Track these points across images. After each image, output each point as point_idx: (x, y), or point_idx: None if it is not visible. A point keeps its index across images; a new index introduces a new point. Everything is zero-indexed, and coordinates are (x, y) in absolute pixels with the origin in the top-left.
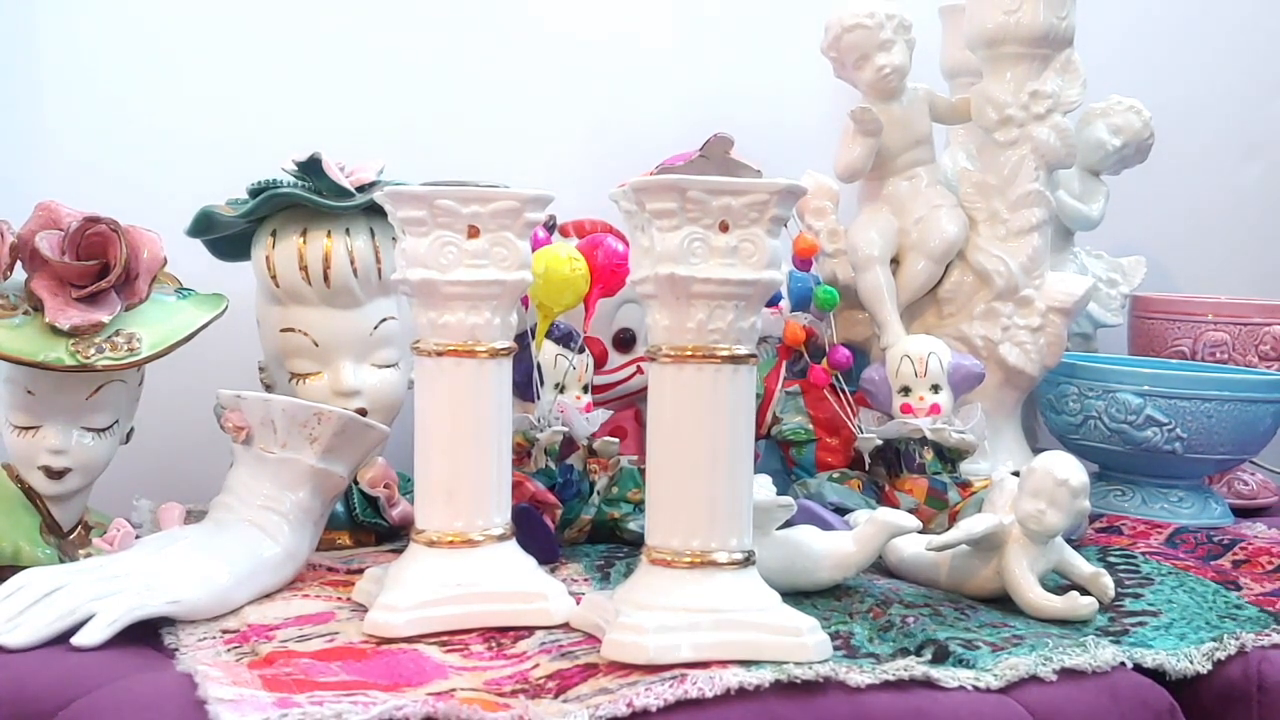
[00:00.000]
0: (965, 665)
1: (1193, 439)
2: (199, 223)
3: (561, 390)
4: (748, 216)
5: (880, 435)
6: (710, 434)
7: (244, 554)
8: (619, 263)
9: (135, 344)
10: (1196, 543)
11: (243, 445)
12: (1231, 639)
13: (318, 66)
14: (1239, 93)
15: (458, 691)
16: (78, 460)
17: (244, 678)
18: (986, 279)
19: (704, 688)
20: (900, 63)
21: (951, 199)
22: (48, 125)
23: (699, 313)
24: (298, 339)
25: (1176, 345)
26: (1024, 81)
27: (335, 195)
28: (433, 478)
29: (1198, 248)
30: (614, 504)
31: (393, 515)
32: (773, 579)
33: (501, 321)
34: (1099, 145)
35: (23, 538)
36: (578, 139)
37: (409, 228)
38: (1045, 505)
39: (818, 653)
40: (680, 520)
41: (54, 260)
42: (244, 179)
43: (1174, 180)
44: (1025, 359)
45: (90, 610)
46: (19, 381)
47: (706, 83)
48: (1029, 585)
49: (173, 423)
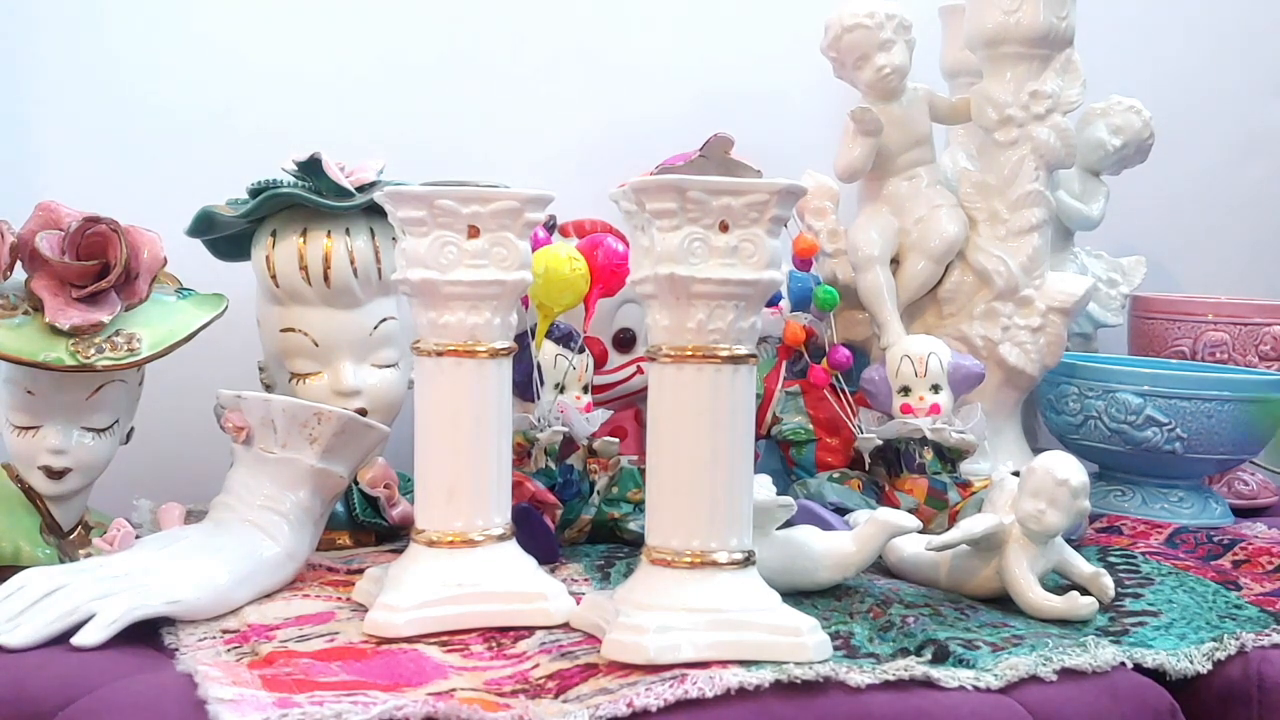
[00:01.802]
0: (965, 665)
1: (1193, 439)
2: (199, 223)
3: (561, 390)
4: (748, 216)
5: (880, 435)
6: (710, 434)
7: (244, 554)
8: (619, 263)
9: (135, 344)
10: (1196, 543)
11: (243, 445)
12: (1231, 639)
13: (318, 66)
14: (1239, 93)
15: (458, 691)
16: (78, 460)
17: (244, 678)
18: (986, 279)
19: (704, 688)
20: (900, 63)
21: (951, 199)
22: (48, 125)
23: (699, 313)
24: (298, 339)
25: (1176, 345)
26: (1024, 81)
27: (335, 195)
28: (433, 478)
29: (1198, 248)
30: (614, 504)
31: (393, 515)
32: (773, 579)
33: (501, 321)
34: (1099, 145)
35: (23, 538)
36: (578, 139)
37: (409, 228)
38: (1045, 505)
39: (818, 653)
40: (680, 520)
41: (54, 260)
42: (244, 179)
43: (1174, 180)
44: (1025, 359)
45: (90, 610)
46: (19, 381)
47: (706, 83)
48: (1029, 585)
49: (173, 423)
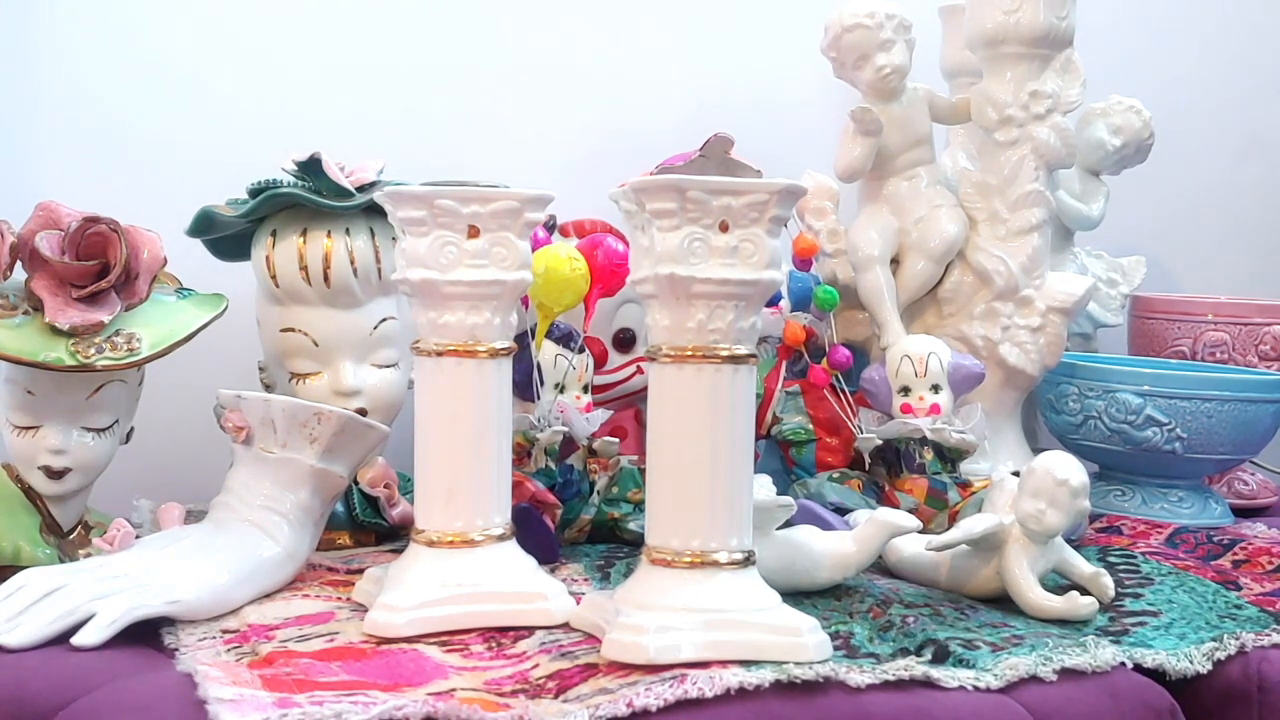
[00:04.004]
0: (965, 665)
1: (1193, 439)
2: (199, 223)
3: (561, 390)
4: (748, 216)
5: (880, 435)
6: (710, 434)
7: (244, 554)
8: (619, 263)
9: (135, 344)
10: (1196, 543)
11: (243, 445)
12: (1231, 639)
13: (318, 66)
14: (1239, 93)
15: (458, 691)
16: (78, 460)
17: (244, 678)
18: (986, 279)
19: (704, 688)
20: (900, 63)
21: (951, 199)
22: (47, 125)
23: (699, 313)
24: (298, 339)
25: (1176, 345)
26: (1024, 81)
27: (335, 195)
28: (433, 478)
29: (1198, 248)
30: (614, 504)
31: (393, 515)
32: (773, 579)
33: (501, 321)
34: (1099, 145)
35: (23, 538)
36: (578, 139)
37: (409, 228)
38: (1045, 505)
39: (818, 653)
40: (680, 520)
41: (54, 260)
42: (244, 179)
43: (1174, 180)
44: (1025, 359)
45: (90, 610)
46: (19, 381)
47: (706, 83)
48: (1029, 585)
49: (173, 423)
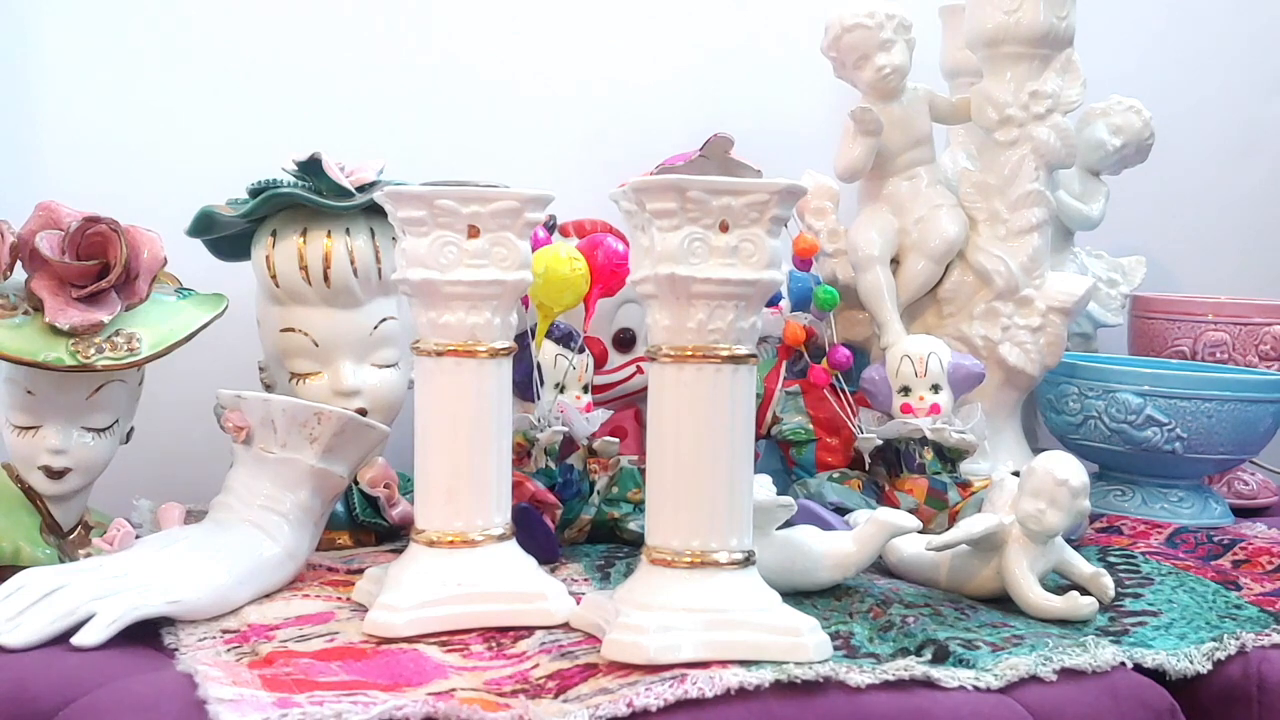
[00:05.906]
0: (965, 665)
1: (1193, 439)
2: (199, 223)
3: (561, 390)
4: (748, 216)
5: (880, 435)
6: (710, 434)
7: (244, 554)
8: (619, 263)
9: (135, 344)
10: (1196, 543)
11: (243, 445)
12: (1231, 639)
13: (318, 66)
14: (1239, 93)
15: (458, 691)
16: (78, 460)
17: (244, 678)
18: (986, 279)
19: (704, 688)
20: (900, 63)
21: (951, 199)
22: (48, 125)
23: (699, 313)
24: (298, 339)
25: (1176, 345)
26: (1024, 81)
27: (335, 195)
28: (433, 478)
29: (1198, 248)
30: (614, 504)
31: (393, 515)
32: (773, 579)
33: (501, 321)
34: (1099, 145)
35: (23, 538)
36: (578, 139)
37: (409, 228)
38: (1045, 505)
39: (818, 653)
40: (680, 520)
41: (54, 260)
42: (244, 179)
43: (1174, 180)
44: (1025, 359)
45: (90, 610)
46: (19, 381)
47: (706, 83)
48: (1029, 585)
49: (173, 423)
